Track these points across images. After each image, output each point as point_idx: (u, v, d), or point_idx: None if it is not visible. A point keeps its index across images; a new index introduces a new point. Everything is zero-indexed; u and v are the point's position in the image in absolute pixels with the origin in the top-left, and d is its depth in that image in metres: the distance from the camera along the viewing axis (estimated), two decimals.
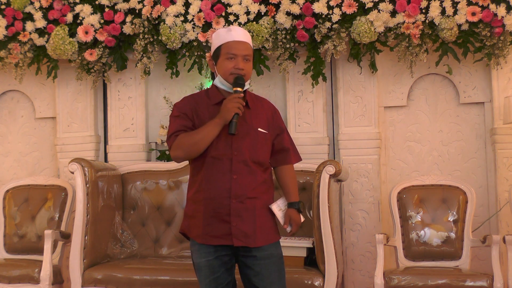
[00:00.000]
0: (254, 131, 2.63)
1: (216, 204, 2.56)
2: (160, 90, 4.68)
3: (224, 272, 2.62)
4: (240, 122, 2.58)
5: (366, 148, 4.26)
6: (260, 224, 2.59)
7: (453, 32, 3.92)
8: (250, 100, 2.69)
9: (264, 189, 2.65)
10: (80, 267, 3.66)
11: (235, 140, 2.58)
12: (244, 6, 4.11)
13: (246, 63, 2.61)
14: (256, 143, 2.62)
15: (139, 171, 4.24)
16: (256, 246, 2.57)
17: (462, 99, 4.29)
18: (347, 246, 4.23)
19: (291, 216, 2.67)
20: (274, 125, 2.71)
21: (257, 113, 2.68)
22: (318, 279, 3.39)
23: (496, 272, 3.41)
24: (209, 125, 2.55)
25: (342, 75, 4.33)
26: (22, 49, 4.43)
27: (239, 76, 2.57)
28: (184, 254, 4.00)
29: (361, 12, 4.00)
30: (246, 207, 2.57)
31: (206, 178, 2.59)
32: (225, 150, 2.57)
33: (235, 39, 2.60)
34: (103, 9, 4.34)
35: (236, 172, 2.56)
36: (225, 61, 2.60)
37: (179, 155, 2.60)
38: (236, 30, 2.65)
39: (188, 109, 2.64)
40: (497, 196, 4.13)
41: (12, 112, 4.92)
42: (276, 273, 2.62)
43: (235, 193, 2.55)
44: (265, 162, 2.67)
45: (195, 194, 2.63)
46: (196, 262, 2.64)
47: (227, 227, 2.55)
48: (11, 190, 4.32)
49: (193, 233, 2.64)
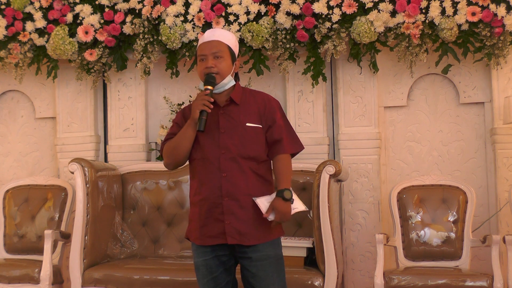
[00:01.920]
0: (242, 126, 2.62)
1: (210, 204, 2.58)
2: (160, 90, 4.68)
3: (222, 272, 2.63)
4: (226, 119, 2.61)
5: (366, 148, 4.26)
6: (255, 221, 2.57)
7: (453, 32, 3.92)
8: (238, 96, 2.67)
9: (260, 185, 2.62)
10: (80, 267, 3.66)
11: (222, 138, 2.60)
12: (244, 6, 4.11)
13: (217, 60, 2.62)
14: (245, 138, 2.61)
15: (139, 171, 4.24)
16: (250, 244, 2.56)
17: (462, 99, 4.29)
18: (347, 246, 4.23)
19: (274, 205, 2.54)
20: (266, 118, 2.67)
21: (247, 108, 2.66)
22: (318, 279, 3.39)
23: (496, 272, 3.40)
24: (183, 128, 2.62)
25: (342, 75, 4.33)
26: (22, 49, 4.43)
27: (209, 74, 2.60)
28: (184, 254, 4.01)
29: (361, 12, 4.00)
30: (240, 205, 2.56)
31: (199, 180, 2.62)
32: (212, 150, 2.59)
33: (204, 40, 2.68)
34: (103, 9, 4.34)
35: (225, 170, 2.57)
36: (199, 63, 2.68)
37: (167, 161, 2.71)
38: (208, 31, 2.71)
39: (180, 118, 2.74)
40: (497, 196, 4.13)
41: (12, 112, 4.92)
42: (274, 274, 2.60)
43: (226, 191, 2.56)
44: (259, 156, 2.63)
45: (193, 196, 2.67)
46: (194, 262, 2.66)
47: (221, 226, 2.56)
48: (11, 190, 4.32)
49: (192, 235, 2.67)
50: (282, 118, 2.72)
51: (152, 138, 4.63)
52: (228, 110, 2.64)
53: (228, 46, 2.67)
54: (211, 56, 2.62)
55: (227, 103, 2.65)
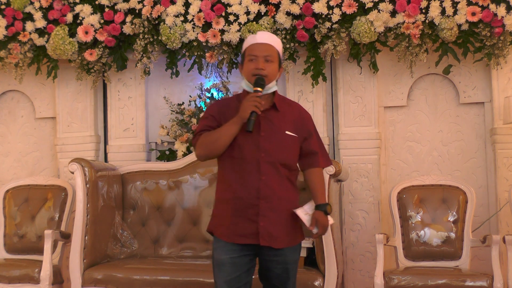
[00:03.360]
0: (281, 133, 2.68)
1: (244, 204, 2.61)
2: (160, 90, 4.69)
3: (245, 272, 2.67)
4: (267, 123, 2.66)
5: (366, 148, 4.26)
6: (286, 226, 2.66)
7: (453, 32, 3.92)
8: (278, 102, 2.73)
9: (291, 191, 2.71)
10: (80, 267, 3.66)
11: (262, 141, 2.64)
12: (244, 6, 4.11)
13: (267, 64, 2.67)
14: (283, 145, 2.67)
15: (139, 171, 4.24)
16: (279, 248, 2.63)
17: (462, 99, 4.29)
18: (347, 246, 4.23)
19: (318, 219, 2.69)
20: (302, 128, 2.75)
21: (285, 116, 2.73)
22: (318, 279, 3.39)
23: (496, 272, 3.40)
24: (227, 124, 2.63)
25: (342, 75, 4.34)
26: (22, 49, 4.43)
27: (259, 77, 2.64)
28: (184, 254, 4.01)
29: (361, 12, 4.00)
30: (273, 208, 2.62)
31: (234, 178, 2.65)
32: (252, 151, 2.63)
33: (257, 41, 2.70)
34: (103, 9, 4.34)
35: (265, 174, 2.62)
36: (247, 63, 2.70)
37: (200, 153, 2.69)
38: (260, 33, 2.75)
39: (216, 111, 2.74)
40: (497, 196, 4.13)
41: (12, 112, 4.92)
42: (294, 275, 2.74)
43: (264, 194, 2.61)
44: (292, 165, 2.72)
45: (223, 193, 2.70)
46: (219, 259, 2.65)
47: (254, 227, 2.61)
48: (11, 190, 4.32)
49: (218, 231, 2.69)
50: (315, 131, 2.83)
51: (152, 138, 4.63)
52: (269, 114, 2.69)
53: (278, 51, 2.74)
54: (262, 58, 2.67)
55: (268, 108, 2.70)
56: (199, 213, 4.08)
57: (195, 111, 4.40)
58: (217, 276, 2.66)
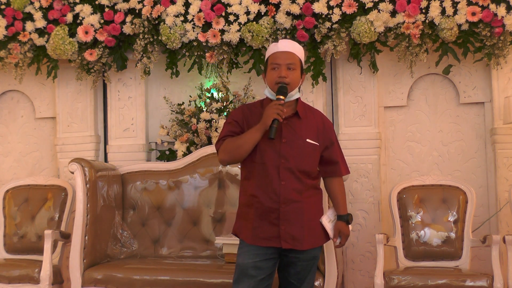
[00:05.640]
0: (303, 141, 2.72)
1: (265, 208, 2.68)
2: (160, 90, 4.69)
3: (267, 275, 2.72)
4: (289, 130, 2.71)
5: (366, 148, 4.26)
6: (308, 227, 2.71)
7: (453, 32, 3.92)
8: (301, 110, 2.77)
9: (312, 194, 2.76)
10: (80, 267, 3.66)
11: (283, 148, 2.68)
12: (244, 6, 4.11)
13: (290, 72, 2.71)
14: (303, 153, 2.71)
15: (139, 171, 4.24)
16: (304, 249, 2.69)
17: (462, 99, 4.29)
18: (347, 246, 4.23)
19: (340, 229, 2.81)
20: (324, 137, 2.80)
21: (307, 124, 2.77)
22: (318, 279, 3.39)
23: (496, 272, 3.41)
24: (251, 131, 2.68)
25: (342, 75, 4.34)
26: (22, 49, 4.43)
27: (282, 85, 2.68)
28: (184, 254, 4.01)
29: (361, 12, 4.00)
30: (294, 210, 2.67)
31: (256, 183, 2.71)
32: (273, 157, 2.68)
33: (279, 50, 2.74)
34: (103, 9, 4.34)
35: (284, 179, 2.67)
36: (270, 71, 2.74)
37: (224, 158, 2.74)
38: (282, 42, 2.78)
39: (240, 117, 2.79)
40: (497, 196, 4.13)
41: (12, 112, 4.92)
42: (313, 273, 2.83)
43: (284, 199, 2.66)
44: (312, 172, 2.76)
45: (246, 197, 2.76)
46: (243, 263, 2.71)
47: (276, 230, 2.67)
48: (11, 190, 4.32)
49: (243, 234, 2.75)
50: (336, 140, 2.89)
51: (152, 138, 4.63)
52: (292, 122, 2.73)
53: (300, 59, 2.77)
54: (285, 66, 2.71)
55: (291, 115, 2.74)
56: (199, 213, 4.08)
57: (195, 111, 4.40)
58: (238, 280, 2.72)
